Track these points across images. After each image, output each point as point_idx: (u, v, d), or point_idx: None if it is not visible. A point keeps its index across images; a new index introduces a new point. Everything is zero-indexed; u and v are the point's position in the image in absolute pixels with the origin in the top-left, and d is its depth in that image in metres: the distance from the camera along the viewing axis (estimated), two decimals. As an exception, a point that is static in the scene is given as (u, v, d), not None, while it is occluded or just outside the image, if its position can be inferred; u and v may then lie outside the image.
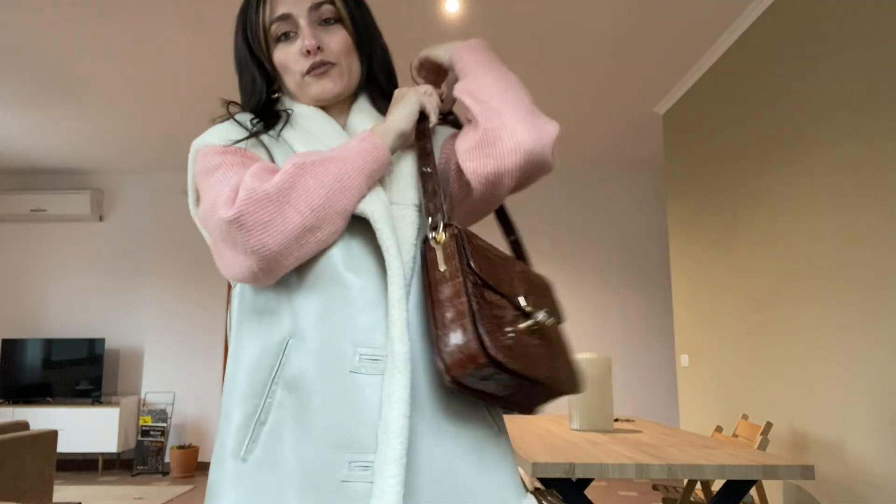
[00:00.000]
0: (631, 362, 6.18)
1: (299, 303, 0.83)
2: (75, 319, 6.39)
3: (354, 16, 0.97)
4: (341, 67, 0.96)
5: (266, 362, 0.83)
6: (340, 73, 0.96)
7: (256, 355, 0.84)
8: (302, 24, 0.93)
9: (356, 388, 0.78)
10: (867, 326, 2.63)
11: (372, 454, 0.77)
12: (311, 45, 0.92)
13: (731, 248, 3.79)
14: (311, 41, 0.92)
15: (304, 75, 0.95)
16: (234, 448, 0.82)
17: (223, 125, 0.95)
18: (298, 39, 0.94)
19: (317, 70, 0.94)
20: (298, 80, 0.96)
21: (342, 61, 0.96)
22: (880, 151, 2.57)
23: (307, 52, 0.93)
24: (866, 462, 2.64)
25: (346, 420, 0.78)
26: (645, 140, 5.64)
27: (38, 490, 3.40)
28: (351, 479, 0.77)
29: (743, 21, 3.61)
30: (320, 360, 0.80)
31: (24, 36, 3.78)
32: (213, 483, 0.83)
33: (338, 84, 0.96)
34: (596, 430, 2.74)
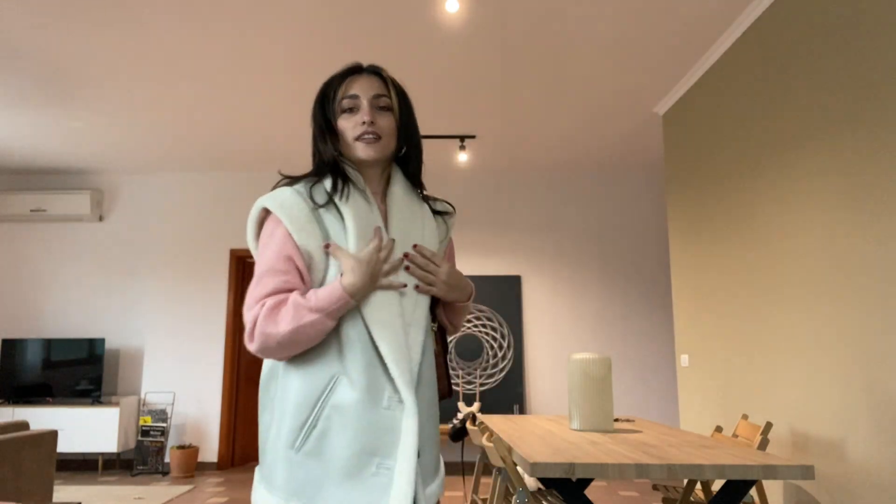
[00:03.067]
0: (631, 362, 6.18)
1: (349, 357, 1.24)
2: (75, 319, 6.39)
3: (402, 111, 1.37)
4: (384, 141, 1.33)
5: (317, 389, 1.23)
6: (381, 146, 1.33)
7: (308, 384, 1.23)
8: (364, 104, 1.33)
9: (387, 418, 1.22)
10: (867, 326, 2.63)
11: (392, 460, 1.21)
12: (368, 119, 1.31)
13: (731, 249, 3.79)
14: (368, 116, 1.31)
15: (356, 139, 1.32)
16: (289, 441, 1.21)
17: (288, 196, 1.28)
18: (359, 114, 1.33)
19: (366, 137, 1.31)
20: (351, 143, 1.33)
21: (385, 137, 1.33)
22: (881, 150, 2.57)
23: (363, 122, 1.31)
24: (866, 462, 2.64)
25: (378, 437, 1.21)
26: (645, 140, 5.64)
27: (38, 490, 3.40)
28: (378, 475, 1.19)
29: (743, 21, 3.61)
30: (365, 397, 1.22)
31: (25, 36, 3.78)
32: (271, 463, 1.23)
33: (378, 152, 1.33)
34: (596, 430, 2.74)
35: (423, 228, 1.35)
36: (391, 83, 1.37)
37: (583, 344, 6.22)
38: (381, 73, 1.37)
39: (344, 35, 3.81)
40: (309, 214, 1.26)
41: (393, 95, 1.35)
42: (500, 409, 6.04)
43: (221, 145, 5.75)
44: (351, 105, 1.33)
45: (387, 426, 1.21)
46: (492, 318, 6.20)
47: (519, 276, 6.32)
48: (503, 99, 4.74)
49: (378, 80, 1.36)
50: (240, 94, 4.65)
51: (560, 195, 6.47)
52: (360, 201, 1.30)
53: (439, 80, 4.42)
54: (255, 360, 6.75)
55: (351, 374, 1.22)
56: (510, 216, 6.44)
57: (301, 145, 5.74)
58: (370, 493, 1.17)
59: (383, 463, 1.19)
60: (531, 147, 5.80)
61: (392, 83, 1.37)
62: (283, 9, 3.52)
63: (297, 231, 1.25)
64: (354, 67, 1.37)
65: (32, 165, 6.33)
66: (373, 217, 1.30)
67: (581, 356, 2.77)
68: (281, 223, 1.26)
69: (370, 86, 1.34)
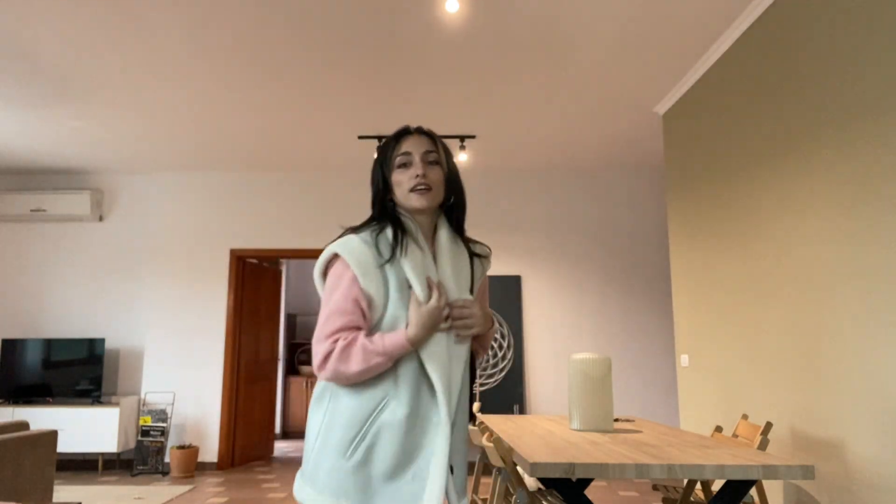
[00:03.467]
0: (631, 362, 6.18)
1: (402, 384, 1.45)
2: (75, 319, 6.39)
3: (449, 165, 1.59)
4: (434, 191, 1.54)
5: (368, 409, 1.44)
6: (432, 195, 1.53)
7: (361, 403, 1.45)
8: (416, 159, 1.54)
9: (426, 436, 1.45)
10: (867, 326, 2.63)
11: (426, 472, 1.42)
12: (421, 172, 1.53)
13: (732, 248, 3.79)
14: (421, 170, 1.53)
15: (410, 191, 1.53)
16: (340, 451, 1.42)
17: (357, 245, 1.48)
18: (412, 168, 1.54)
19: (420, 188, 1.52)
20: (406, 193, 1.53)
21: (435, 187, 1.54)
22: (882, 150, 2.57)
23: (416, 175, 1.52)
24: (866, 462, 2.64)
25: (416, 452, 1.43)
26: (645, 140, 5.64)
27: (38, 490, 3.40)
28: (413, 483, 1.41)
29: (743, 21, 3.61)
30: (412, 417, 1.44)
31: (25, 36, 3.78)
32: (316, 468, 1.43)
33: (430, 201, 1.53)
34: (596, 430, 2.74)
35: (461, 271, 1.57)
36: (438, 141, 1.59)
37: (583, 344, 6.22)
38: (429, 134, 1.60)
39: (344, 35, 3.81)
40: (375, 265, 1.47)
41: (441, 151, 1.57)
42: (500, 409, 6.04)
43: (221, 145, 5.75)
44: (405, 161, 1.54)
45: (424, 444, 1.44)
46: (492, 318, 6.19)
47: (519, 276, 6.32)
48: (503, 99, 4.74)
49: (427, 139, 1.58)
50: (240, 95, 4.65)
51: (560, 195, 6.47)
52: (417, 253, 1.51)
53: (439, 80, 4.42)
54: (254, 361, 6.75)
55: (401, 397, 1.44)
56: (510, 216, 6.44)
57: (301, 146, 5.74)
58: (407, 496, 1.39)
59: (419, 473, 1.41)
60: (531, 147, 5.80)
61: (440, 142, 1.59)
62: (283, 9, 3.52)
63: (362, 276, 1.45)
64: (406, 129, 1.60)
65: (32, 165, 6.33)
66: (428, 265, 1.51)
67: (581, 356, 2.77)
68: (349, 268, 1.47)
69: (420, 144, 1.56)
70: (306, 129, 5.36)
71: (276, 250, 6.40)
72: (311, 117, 5.09)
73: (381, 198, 1.57)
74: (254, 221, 6.46)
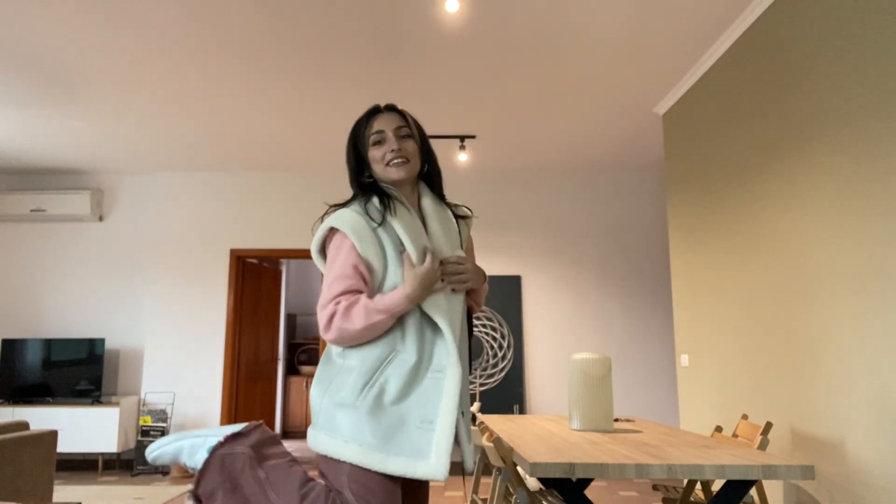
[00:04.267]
0: (631, 362, 6.18)
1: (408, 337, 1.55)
2: (75, 319, 6.39)
3: (420, 137, 1.70)
4: (412, 162, 1.65)
5: (376, 361, 1.52)
6: (410, 166, 1.65)
7: (370, 356, 1.53)
8: (390, 135, 1.64)
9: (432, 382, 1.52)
10: (867, 326, 2.63)
11: (435, 415, 1.48)
12: (396, 147, 1.63)
13: (732, 249, 3.79)
14: (396, 145, 1.63)
15: (388, 164, 1.63)
16: (352, 397, 1.49)
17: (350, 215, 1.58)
18: (387, 144, 1.64)
19: (396, 161, 1.63)
20: (384, 168, 1.64)
21: (412, 159, 1.65)
22: (882, 151, 2.57)
23: (392, 150, 1.63)
24: (866, 462, 2.64)
25: (425, 397, 1.51)
26: (645, 140, 5.64)
27: (38, 490, 3.40)
28: (422, 428, 1.47)
29: (743, 21, 3.61)
30: (416, 367, 1.52)
31: (25, 36, 3.78)
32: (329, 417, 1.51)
33: (408, 172, 1.65)
34: (596, 430, 2.74)
35: (449, 231, 1.68)
36: (408, 116, 1.69)
37: (583, 344, 6.22)
38: (397, 109, 1.69)
39: (344, 36, 3.81)
40: (369, 230, 1.56)
41: (412, 125, 1.67)
42: (500, 409, 6.03)
43: (222, 145, 5.75)
44: (379, 139, 1.64)
45: (432, 388, 1.51)
46: (492, 318, 6.20)
47: (519, 276, 6.32)
48: (503, 99, 4.74)
49: (397, 115, 1.67)
50: (240, 95, 4.65)
51: (560, 195, 6.47)
52: (406, 215, 1.60)
53: (439, 80, 4.42)
54: (254, 361, 6.75)
55: (408, 348, 1.53)
56: (510, 216, 6.44)
57: (301, 146, 5.74)
58: (417, 441, 1.46)
59: (427, 417, 1.48)
60: (531, 147, 5.80)
61: (408, 115, 1.69)
62: (283, 10, 3.52)
63: (359, 242, 1.54)
64: (376, 108, 1.69)
65: (32, 165, 6.33)
66: (417, 226, 1.60)
67: (581, 356, 2.77)
68: (347, 238, 1.56)
69: (392, 120, 1.65)
70: (306, 129, 5.36)
71: (276, 250, 6.40)
72: (311, 117, 5.09)
73: (358, 175, 1.67)
74: (254, 221, 6.46)
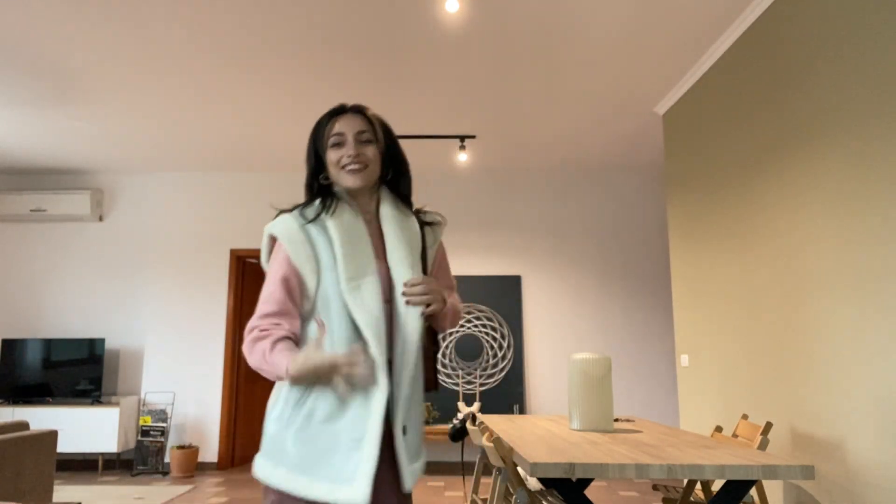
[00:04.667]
0: (631, 362, 6.18)
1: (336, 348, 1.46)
2: (75, 319, 6.39)
3: (386, 141, 1.60)
4: (370, 168, 1.55)
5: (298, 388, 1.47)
6: (365, 174, 1.54)
7: None
8: (349, 139, 1.54)
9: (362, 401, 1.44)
10: (867, 326, 2.63)
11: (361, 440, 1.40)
12: (353, 152, 1.54)
13: (732, 248, 3.79)
14: (353, 150, 1.54)
15: (342, 169, 1.54)
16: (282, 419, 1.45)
17: (283, 219, 1.51)
18: (345, 148, 1.54)
19: (351, 167, 1.53)
20: (338, 172, 1.55)
21: (371, 165, 1.55)
22: (882, 151, 2.57)
23: (348, 155, 1.53)
24: (866, 462, 2.64)
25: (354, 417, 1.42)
26: (645, 140, 5.64)
27: (38, 490, 3.40)
28: (351, 450, 1.40)
29: (743, 21, 3.61)
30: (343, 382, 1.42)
31: (25, 35, 3.78)
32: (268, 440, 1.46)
33: (363, 180, 1.54)
34: (596, 430, 2.74)
35: (409, 239, 1.58)
36: (373, 119, 1.59)
37: (583, 344, 6.22)
38: (363, 112, 1.59)
39: (344, 35, 3.81)
40: (299, 231, 1.49)
41: (376, 129, 1.58)
42: (500, 409, 6.03)
43: (221, 145, 5.75)
44: (338, 141, 1.55)
45: (362, 405, 1.43)
46: (492, 318, 6.20)
47: (519, 276, 6.32)
48: (503, 99, 4.74)
49: (361, 118, 1.57)
50: (240, 95, 4.65)
51: (560, 195, 6.47)
52: (347, 214, 1.53)
53: (439, 80, 4.42)
54: (255, 360, 6.75)
55: None
56: (510, 216, 6.44)
57: (301, 146, 5.74)
58: (345, 463, 1.39)
59: (356, 436, 1.41)
60: (531, 147, 5.80)
61: (373, 119, 1.59)
62: (283, 10, 3.52)
63: (290, 245, 1.48)
64: (340, 108, 1.59)
65: (32, 165, 6.33)
66: (357, 232, 1.52)
67: (581, 356, 2.77)
68: (281, 245, 1.49)
69: (354, 123, 1.56)
70: (306, 129, 5.35)
71: (276, 250, 6.39)
72: (311, 117, 5.09)
73: (315, 175, 1.58)
74: (254, 221, 6.46)
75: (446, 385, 6.09)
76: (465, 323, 6.20)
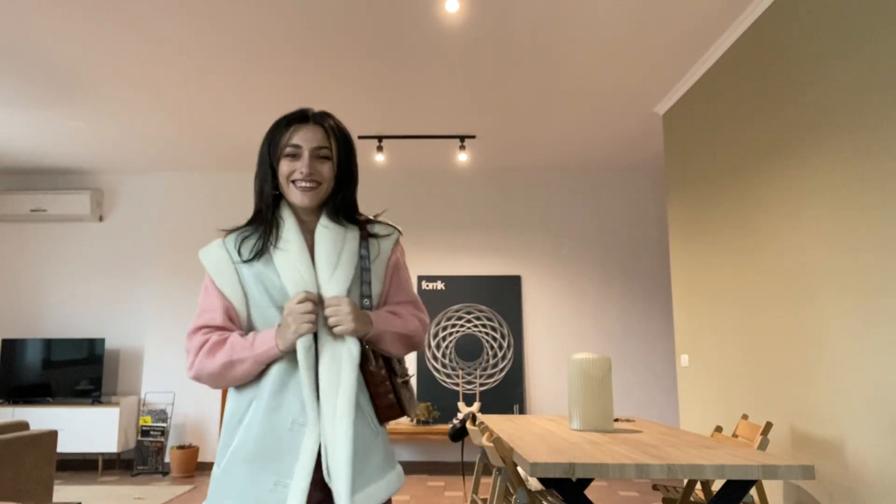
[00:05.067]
0: (631, 362, 6.18)
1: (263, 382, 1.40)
2: (75, 319, 6.39)
3: (340, 158, 1.48)
4: (321, 188, 1.45)
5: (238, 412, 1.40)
6: (316, 193, 1.45)
7: (232, 408, 1.42)
8: (305, 154, 1.44)
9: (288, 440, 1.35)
10: (867, 326, 2.63)
11: (290, 479, 1.32)
12: (306, 170, 1.43)
13: (732, 249, 3.79)
14: (307, 168, 1.43)
15: (292, 183, 1.44)
16: (218, 457, 1.39)
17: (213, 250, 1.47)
18: (299, 162, 1.44)
19: (303, 185, 1.43)
20: (288, 186, 1.45)
21: (324, 183, 1.46)
22: (882, 152, 2.57)
23: (302, 172, 1.43)
24: (866, 462, 2.64)
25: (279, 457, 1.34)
26: (645, 140, 5.64)
27: (38, 490, 3.40)
28: (275, 492, 1.32)
29: (743, 21, 3.61)
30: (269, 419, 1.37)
31: (25, 36, 3.78)
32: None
33: (313, 200, 1.45)
34: (596, 430, 2.74)
35: (342, 257, 1.46)
36: (332, 133, 1.48)
37: (583, 344, 6.22)
38: (324, 124, 1.48)
39: (344, 36, 3.81)
40: (229, 267, 1.44)
41: (333, 145, 1.47)
42: (500, 409, 6.03)
43: (221, 145, 5.75)
44: (292, 152, 1.44)
45: (287, 447, 1.34)
46: (492, 318, 6.20)
47: (519, 276, 6.32)
48: (503, 99, 4.74)
49: (321, 131, 1.46)
50: (240, 95, 4.65)
51: (560, 195, 6.47)
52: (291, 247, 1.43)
53: (439, 80, 4.42)
54: (255, 360, 6.75)
55: (261, 398, 1.38)
56: (510, 216, 6.44)
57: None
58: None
59: (281, 481, 1.32)
60: (531, 147, 5.80)
61: (334, 133, 1.48)
62: (283, 9, 3.52)
63: (217, 277, 1.43)
64: (301, 115, 1.48)
65: (32, 165, 6.33)
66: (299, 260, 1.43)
67: (581, 356, 2.77)
68: (207, 273, 1.47)
69: (313, 137, 1.45)
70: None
71: (276, 250, 6.39)
72: (311, 117, 5.09)
73: (264, 183, 1.48)
74: (254, 221, 6.46)
75: (446, 385, 6.09)
76: (465, 323, 6.20)
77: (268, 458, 1.33)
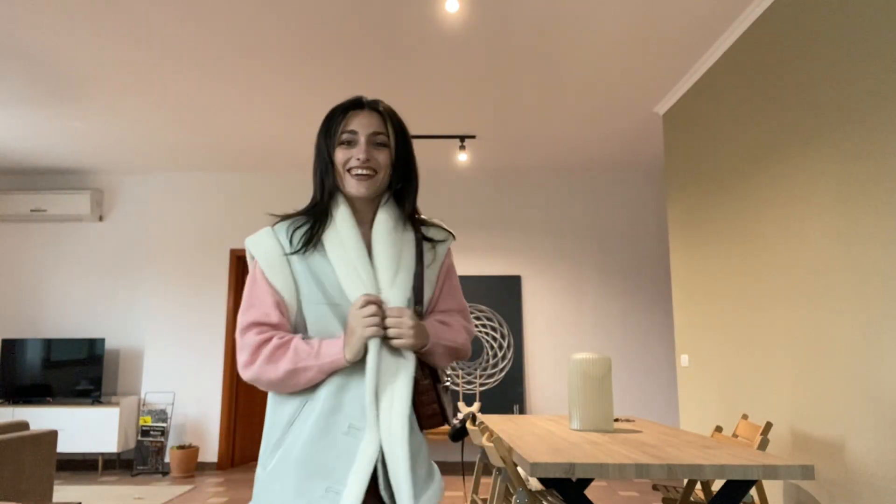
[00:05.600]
0: (631, 362, 6.18)
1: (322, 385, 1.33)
2: (75, 319, 6.39)
3: (398, 147, 1.42)
4: (377, 177, 1.39)
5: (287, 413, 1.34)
6: (373, 183, 1.39)
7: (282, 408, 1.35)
8: (362, 140, 1.38)
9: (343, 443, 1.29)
10: (867, 326, 2.63)
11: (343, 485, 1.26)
12: (363, 156, 1.37)
13: (731, 249, 3.79)
14: (364, 154, 1.38)
15: (348, 172, 1.39)
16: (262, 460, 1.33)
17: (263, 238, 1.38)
18: (356, 149, 1.38)
19: (359, 173, 1.37)
20: (344, 175, 1.39)
21: (381, 172, 1.40)
22: (882, 151, 2.57)
23: (358, 158, 1.37)
24: (866, 462, 2.64)
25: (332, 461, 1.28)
26: (645, 140, 5.64)
27: (38, 490, 3.40)
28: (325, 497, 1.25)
29: (743, 21, 3.61)
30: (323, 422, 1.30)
31: (25, 36, 3.78)
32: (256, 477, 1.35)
33: (369, 189, 1.39)
34: (596, 430, 2.74)
35: (400, 259, 1.40)
36: (390, 120, 1.42)
37: (583, 344, 6.22)
38: (381, 111, 1.42)
39: (344, 36, 3.81)
40: (280, 258, 1.36)
41: (391, 133, 1.41)
42: (500, 409, 6.03)
43: (222, 145, 5.75)
44: (349, 139, 1.39)
45: (342, 452, 1.28)
46: (492, 318, 6.20)
47: (519, 276, 6.32)
48: (503, 99, 4.74)
49: (378, 117, 1.41)
50: (240, 95, 4.65)
51: (560, 195, 6.47)
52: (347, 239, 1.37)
53: (439, 79, 4.42)
54: (255, 360, 6.75)
55: (317, 398, 1.31)
56: (510, 216, 6.44)
57: (301, 146, 5.74)
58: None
59: (333, 487, 1.26)
60: (531, 147, 5.80)
61: (391, 120, 1.42)
62: (283, 9, 3.52)
63: (268, 268, 1.35)
64: (356, 102, 1.43)
65: (32, 165, 6.33)
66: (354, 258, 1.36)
67: (581, 356, 2.77)
68: (257, 263, 1.38)
69: (370, 123, 1.40)
70: (306, 129, 5.36)
71: (276, 250, 6.39)
72: (310, 117, 5.09)
73: (324, 174, 1.42)
74: (254, 221, 6.46)
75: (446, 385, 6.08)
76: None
77: (319, 462, 1.27)
